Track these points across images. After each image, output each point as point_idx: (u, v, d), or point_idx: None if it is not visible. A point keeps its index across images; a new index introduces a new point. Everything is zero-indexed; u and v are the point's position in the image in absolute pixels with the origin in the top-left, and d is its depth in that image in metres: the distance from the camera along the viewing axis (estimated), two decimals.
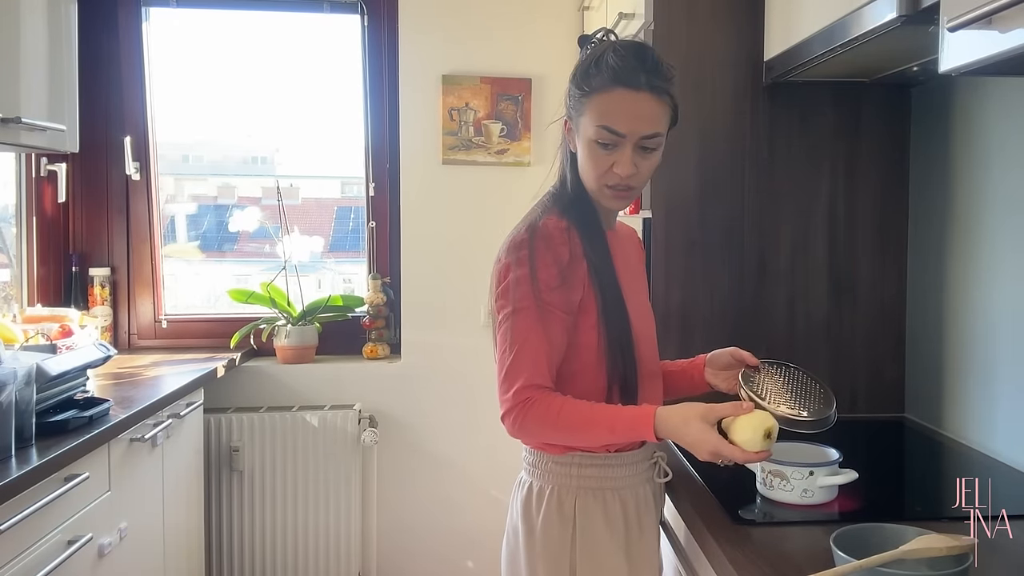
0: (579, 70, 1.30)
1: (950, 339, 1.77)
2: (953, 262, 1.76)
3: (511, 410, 1.24)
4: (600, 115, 1.25)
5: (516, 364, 1.24)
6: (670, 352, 1.89)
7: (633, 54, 1.26)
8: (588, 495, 1.31)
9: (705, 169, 1.87)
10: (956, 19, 0.97)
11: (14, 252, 2.61)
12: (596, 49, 1.30)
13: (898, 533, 1.02)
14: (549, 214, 1.30)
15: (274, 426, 2.69)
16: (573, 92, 1.30)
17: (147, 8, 2.83)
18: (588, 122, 1.27)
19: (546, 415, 1.22)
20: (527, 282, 1.24)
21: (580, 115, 1.29)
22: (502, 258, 1.30)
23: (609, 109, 1.25)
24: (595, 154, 1.28)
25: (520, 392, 1.23)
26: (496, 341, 1.30)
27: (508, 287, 1.27)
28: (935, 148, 1.82)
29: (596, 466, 1.32)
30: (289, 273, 2.87)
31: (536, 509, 1.33)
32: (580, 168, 1.32)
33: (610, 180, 1.28)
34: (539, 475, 1.34)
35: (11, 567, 1.44)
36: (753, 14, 1.83)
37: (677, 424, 1.19)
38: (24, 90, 1.92)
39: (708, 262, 1.89)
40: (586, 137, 1.28)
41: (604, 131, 1.25)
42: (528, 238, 1.27)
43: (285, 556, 2.72)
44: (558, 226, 1.27)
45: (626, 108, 1.25)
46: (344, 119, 3.04)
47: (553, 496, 1.32)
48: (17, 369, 1.56)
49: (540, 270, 1.24)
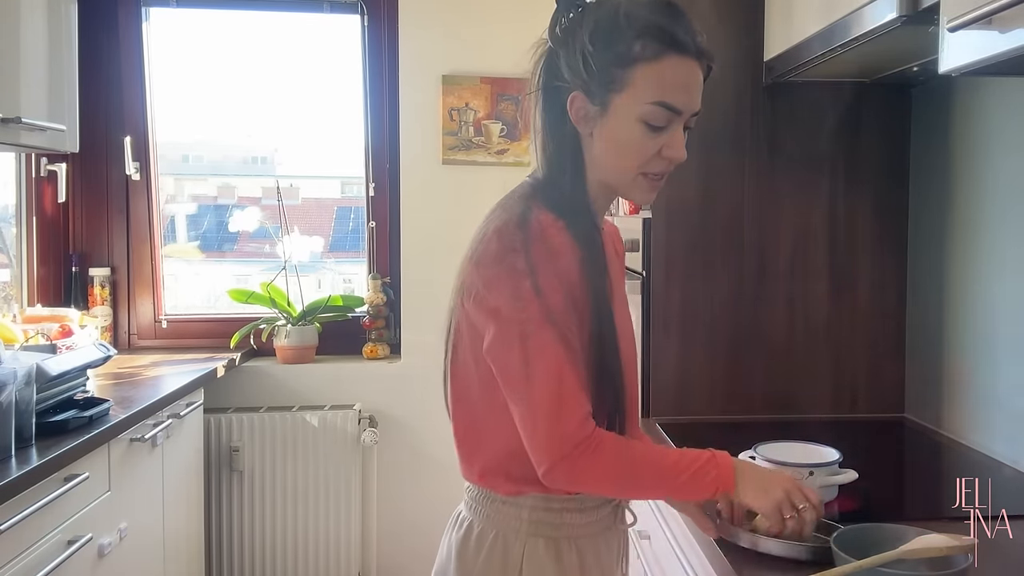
0: (601, 31, 1.05)
1: (950, 339, 1.77)
2: (953, 262, 1.76)
3: (572, 454, 1.01)
4: (655, 90, 1.04)
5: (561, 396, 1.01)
6: (670, 354, 1.90)
7: (672, 13, 1.06)
8: (539, 543, 1.10)
9: (705, 169, 1.87)
10: (956, 19, 0.97)
11: (14, 252, 2.61)
12: (610, 5, 1.07)
13: (898, 533, 1.02)
14: (534, 210, 1.06)
15: (274, 426, 2.69)
16: (597, 61, 1.05)
17: (147, 8, 2.83)
18: (633, 99, 1.04)
19: (618, 459, 1.04)
20: (533, 295, 1.01)
21: (616, 90, 1.05)
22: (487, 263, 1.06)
23: (665, 81, 1.04)
24: (642, 138, 1.06)
25: (580, 430, 1.01)
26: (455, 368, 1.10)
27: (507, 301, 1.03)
28: (935, 148, 1.82)
29: (552, 510, 1.10)
30: (289, 273, 2.87)
31: (475, 554, 1.11)
32: (607, 155, 1.09)
33: (655, 167, 1.08)
34: (482, 515, 1.13)
35: (11, 567, 1.45)
36: (753, 14, 1.83)
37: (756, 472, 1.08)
38: (24, 90, 1.92)
39: (708, 262, 1.89)
40: (630, 117, 1.05)
41: (660, 109, 1.04)
42: (523, 241, 1.03)
43: (285, 556, 2.72)
44: (545, 220, 1.05)
45: (681, 79, 1.05)
46: (344, 119, 3.04)
47: (497, 542, 1.11)
48: (17, 369, 1.56)
49: (544, 279, 1.02)
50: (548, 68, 1.11)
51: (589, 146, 1.10)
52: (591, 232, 1.09)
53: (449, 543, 1.17)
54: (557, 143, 1.11)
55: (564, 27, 1.09)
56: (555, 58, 1.09)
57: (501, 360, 1.04)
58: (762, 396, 1.90)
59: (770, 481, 1.06)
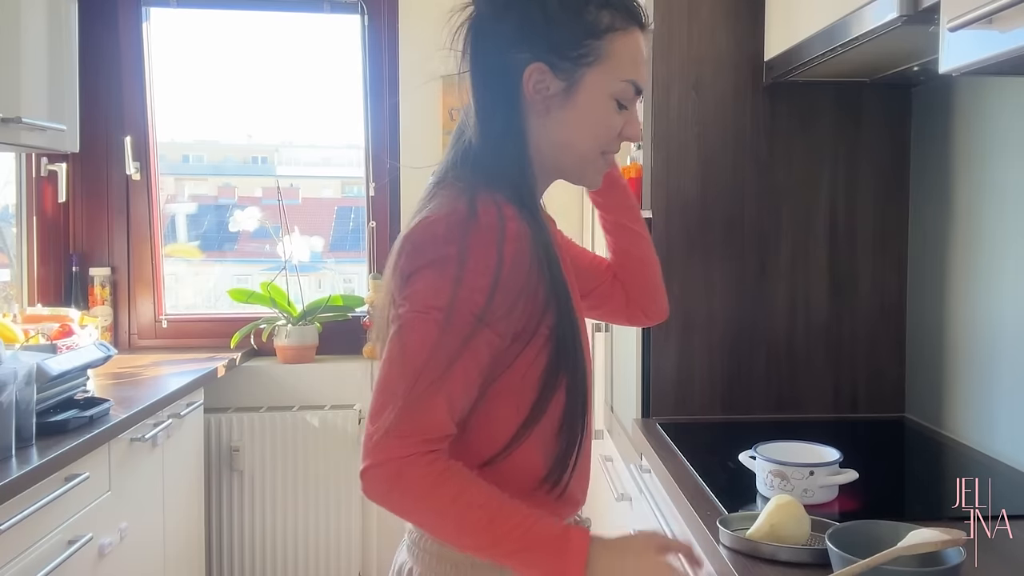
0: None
1: (950, 339, 1.77)
2: (953, 262, 1.76)
3: (379, 466, 0.85)
4: (626, 65, 0.97)
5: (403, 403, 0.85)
6: (671, 354, 1.90)
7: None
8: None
9: (705, 169, 1.87)
10: (956, 19, 0.97)
11: (14, 252, 2.61)
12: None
13: (892, 529, 1.03)
14: (486, 196, 0.91)
15: (274, 426, 2.69)
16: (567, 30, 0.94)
17: (147, 8, 2.83)
18: (606, 73, 0.96)
19: (439, 486, 0.85)
20: (448, 287, 0.87)
21: (587, 64, 0.95)
22: (412, 255, 0.90)
23: (633, 57, 0.98)
24: (610, 115, 0.98)
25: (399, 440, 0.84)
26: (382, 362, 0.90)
27: (419, 289, 0.88)
28: (935, 148, 1.82)
29: (500, 570, 0.92)
30: (289, 273, 2.87)
31: None
32: (568, 132, 0.98)
33: (613, 146, 1.02)
34: (425, 562, 0.97)
35: (11, 567, 1.45)
36: (753, 14, 1.83)
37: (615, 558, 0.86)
38: (24, 90, 1.92)
39: (708, 262, 1.89)
40: (601, 93, 0.97)
41: (630, 86, 0.98)
42: (460, 228, 0.88)
43: (285, 556, 2.72)
44: (507, 212, 0.90)
45: (640, 55, 0.99)
46: (344, 119, 3.04)
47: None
48: (17, 369, 1.56)
49: (473, 273, 0.87)
50: (482, 36, 0.97)
51: (542, 125, 0.98)
52: (539, 213, 0.97)
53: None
54: (500, 121, 0.96)
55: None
56: (492, 24, 0.96)
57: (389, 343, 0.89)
58: (762, 396, 1.90)
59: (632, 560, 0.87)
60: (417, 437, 0.85)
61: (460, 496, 0.86)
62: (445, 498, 0.86)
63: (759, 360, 1.90)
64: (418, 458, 0.85)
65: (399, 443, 0.85)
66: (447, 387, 0.87)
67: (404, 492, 0.86)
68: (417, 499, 0.86)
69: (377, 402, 0.87)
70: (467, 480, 0.87)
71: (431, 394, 0.86)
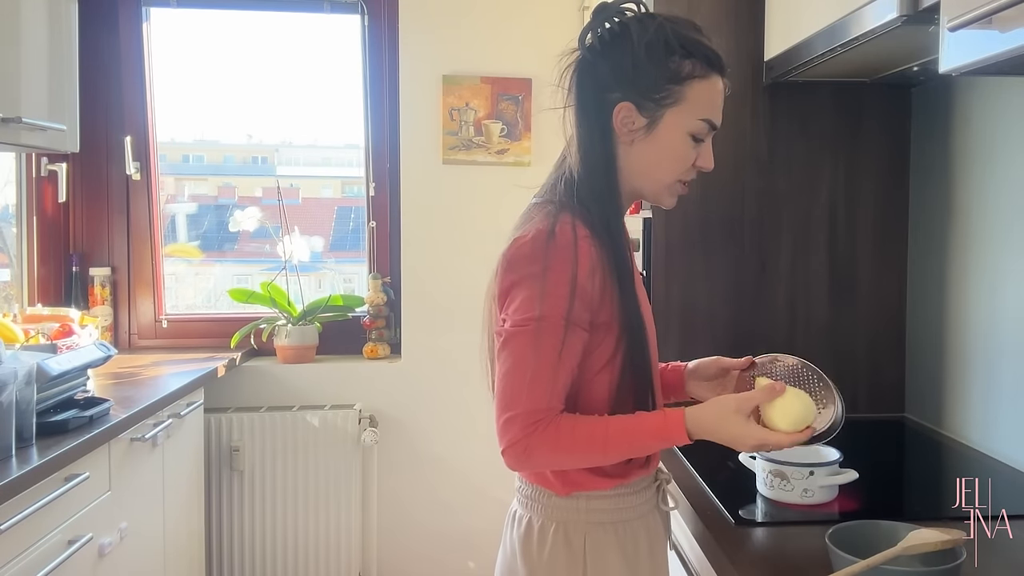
0: (654, 47, 1.12)
1: (950, 339, 1.77)
2: (953, 261, 1.76)
3: (513, 441, 1.09)
4: (703, 107, 1.14)
5: (515, 390, 1.09)
6: (670, 354, 1.89)
7: (706, 34, 1.16)
8: (599, 530, 1.18)
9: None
10: (956, 19, 0.97)
11: (14, 252, 2.61)
12: (657, 24, 1.14)
13: (892, 529, 1.03)
14: (568, 216, 1.12)
15: (274, 426, 2.69)
16: (651, 76, 1.12)
17: (147, 8, 2.83)
18: (684, 114, 1.13)
19: (557, 438, 1.08)
20: (537, 300, 1.08)
21: (668, 105, 1.13)
22: (507, 272, 1.13)
23: (711, 100, 1.15)
24: (686, 149, 1.16)
25: (519, 420, 1.08)
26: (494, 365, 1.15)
27: (516, 306, 1.10)
28: (935, 148, 1.82)
29: (606, 497, 1.18)
30: (289, 273, 2.87)
31: (539, 548, 1.18)
32: (648, 163, 1.16)
33: (688, 176, 1.19)
34: (540, 511, 1.20)
35: (11, 567, 1.45)
36: (753, 14, 1.83)
37: (712, 423, 1.10)
38: (24, 90, 1.92)
39: (708, 262, 1.89)
40: (680, 130, 1.14)
41: (705, 125, 1.15)
42: (540, 250, 1.10)
43: (285, 556, 2.72)
44: (581, 232, 1.11)
45: (719, 98, 1.16)
46: (344, 119, 3.04)
47: (559, 533, 1.17)
48: (17, 369, 1.56)
49: (555, 284, 1.08)
50: (584, 77, 1.16)
51: (627, 155, 1.17)
52: (620, 237, 1.16)
53: (511, 540, 1.22)
54: (597, 150, 1.16)
55: (604, 39, 1.14)
56: (591, 67, 1.15)
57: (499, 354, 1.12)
58: None
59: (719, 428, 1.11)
60: (530, 418, 1.08)
61: (574, 439, 1.09)
62: (564, 448, 1.09)
63: None
64: (532, 431, 1.08)
65: (518, 426, 1.08)
66: (550, 376, 1.09)
67: (535, 459, 1.10)
68: (547, 458, 1.11)
69: (501, 400, 1.10)
70: (573, 424, 1.10)
71: (537, 384, 1.08)
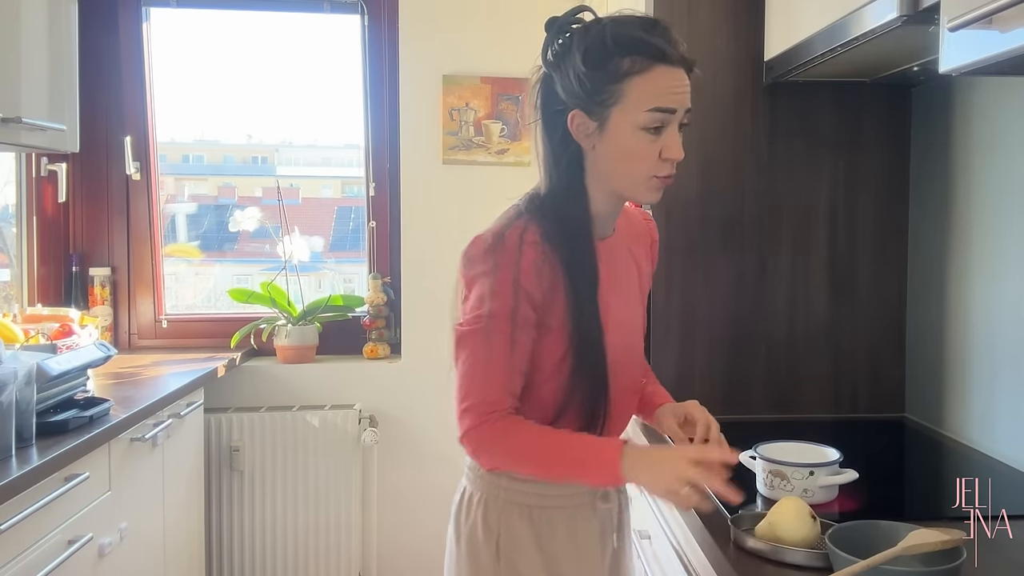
0: (592, 54, 1.15)
1: (950, 339, 1.77)
2: (953, 262, 1.76)
3: (467, 429, 1.17)
4: (646, 98, 1.14)
5: (470, 381, 1.17)
6: (670, 354, 1.90)
7: (654, 29, 1.17)
8: (513, 511, 1.24)
9: (705, 169, 1.87)
10: (956, 19, 0.97)
11: (14, 252, 2.61)
12: (596, 29, 1.17)
13: (892, 529, 1.03)
14: (521, 222, 1.19)
15: (274, 426, 2.69)
16: (591, 81, 1.15)
17: (147, 8, 2.83)
18: (629, 109, 1.15)
19: (504, 437, 1.16)
20: (487, 298, 1.15)
21: (610, 105, 1.15)
22: (464, 267, 1.20)
23: (655, 89, 1.14)
24: (643, 142, 1.16)
25: (473, 410, 1.16)
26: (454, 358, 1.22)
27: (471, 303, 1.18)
28: (935, 148, 1.82)
29: (524, 481, 1.23)
30: (289, 273, 2.87)
31: (465, 516, 1.27)
32: (614, 164, 1.19)
33: (661, 169, 1.18)
34: (472, 480, 1.29)
35: (11, 567, 1.45)
36: (753, 14, 1.83)
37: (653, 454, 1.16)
38: (24, 90, 1.92)
39: (708, 262, 1.89)
40: (629, 126, 1.15)
41: (655, 113, 1.15)
42: (489, 251, 1.17)
43: (285, 556, 2.72)
44: (528, 237, 1.17)
45: (669, 84, 1.15)
46: (344, 119, 3.04)
47: (482, 506, 1.26)
48: (17, 369, 1.56)
49: (501, 284, 1.15)
50: (545, 92, 1.22)
51: (594, 160, 1.21)
52: (578, 232, 1.21)
53: (452, 507, 1.32)
54: (559, 161, 1.22)
55: (556, 52, 1.20)
56: (550, 82, 1.21)
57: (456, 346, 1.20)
58: (762, 396, 1.90)
59: (658, 466, 1.10)
60: (483, 408, 1.16)
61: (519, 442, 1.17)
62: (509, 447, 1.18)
63: (759, 360, 1.90)
64: (485, 420, 1.16)
65: (472, 415, 1.16)
66: (501, 371, 1.16)
67: (486, 449, 1.19)
68: (494, 451, 1.19)
69: (459, 392, 1.18)
70: (520, 427, 1.17)
71: (490, 378, 1.16)
